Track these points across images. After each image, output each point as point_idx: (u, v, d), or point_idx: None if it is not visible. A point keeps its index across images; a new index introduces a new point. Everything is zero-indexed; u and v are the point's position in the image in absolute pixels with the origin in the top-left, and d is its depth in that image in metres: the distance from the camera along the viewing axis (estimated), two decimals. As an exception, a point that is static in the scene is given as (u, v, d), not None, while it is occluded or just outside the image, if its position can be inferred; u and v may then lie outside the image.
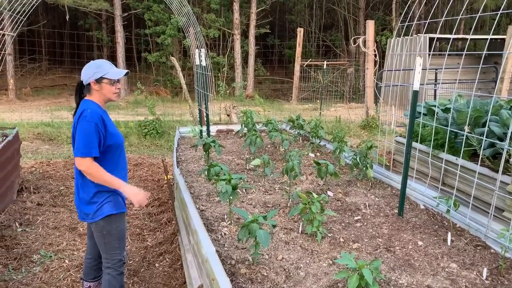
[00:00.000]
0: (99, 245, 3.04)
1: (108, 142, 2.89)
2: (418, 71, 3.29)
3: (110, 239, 2.96)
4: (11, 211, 5.17)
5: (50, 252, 4.29)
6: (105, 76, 2.88)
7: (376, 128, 10.51)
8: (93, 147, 2.78)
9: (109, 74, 2.89)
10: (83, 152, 2.76)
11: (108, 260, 3.02)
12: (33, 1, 7.38)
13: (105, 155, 2.89)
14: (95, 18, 24.32)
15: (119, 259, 3.03)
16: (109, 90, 2.93)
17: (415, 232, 3.24)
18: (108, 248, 2.99)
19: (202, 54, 5.53)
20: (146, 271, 4.02)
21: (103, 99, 2.96)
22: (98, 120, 2.82)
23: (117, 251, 3.01)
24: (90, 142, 2.76)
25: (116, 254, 3.01)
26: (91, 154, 2.77)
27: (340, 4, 25.48)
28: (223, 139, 6.36)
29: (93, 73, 2.88)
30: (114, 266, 3.02)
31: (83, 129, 2.78)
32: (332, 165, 3.85)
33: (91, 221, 2.93)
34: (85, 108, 2.85)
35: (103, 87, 2.91)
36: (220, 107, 10.88)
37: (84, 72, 2.90)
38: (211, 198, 3.80)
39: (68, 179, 6.54)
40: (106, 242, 2.97)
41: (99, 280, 3.28)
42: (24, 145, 8.36)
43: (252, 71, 20.69)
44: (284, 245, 2.91)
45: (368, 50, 11.08)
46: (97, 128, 2.80)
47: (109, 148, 2.90)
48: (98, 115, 2.83)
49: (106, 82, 2.90)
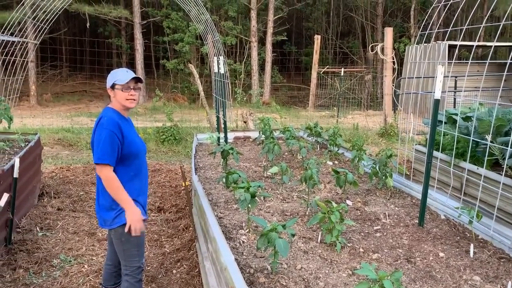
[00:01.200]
0: (118, 252, 3.05)
1: (127, 150, 2.89)
2: (440, 79, 3.25)
3: (128, 246, 2.96)
4: (32, 215, 5.26)
5: (69, 257, 4.34)
6: (116, 82, 2.92)
7: (395, 136, 10.40)
8: (109, 154, 2.79)
9: (119, 79, 2.93)
10: (99, 158, 2.78)
11: (127, 267, 3.02)
12: (56, 9, 7.55)
13: (124, 162, 2.89)
14: (115, 26, 24.74)
15: (137, 266, 3.03)
16: (121, 96, 2.94)
17: (436, 243, 3.19)
18: (127, 255, 2.99)
19: (220, 61, 5.57)
20: (163, 277, 4.03)
21: (120, 106, 2.99)
22: (114, 127, 2.82)
23: (136, 258, 3.01)
24: (106, 149, 2.78)
25: (135, 262, 3.01)
26: (106, 160, 2.78)
27: (358, 11, 25.42)
28: (241, 146, 6.37)
29: (109, 80, 2.96)
30: (133, 273, 3.02)
31: (100, 136, 2.81)
32: (351, 174, 3.82)
33: (110, 227, 2.95)
34: (102, 116, 2.90)
35: (117, 93, 2.94)
36: (237, 114, 10.92)
37: (107, 80, 2.99)
38: (229, 206, 3.80)
39: (87, 185, 6.63)
40: (125, 249, 2.97)
41: (118, 287, 3.30)
42: (45, 150, 8.50)
43: (268, 78, 20.73)
44: (303, 254, 2.89)
45: (386, 57, 11.00)
46: (113, 135, 2.80)
47: (128, 155, 2.91)
48: (115, 122, 2.84)
49: (118, 88, 2.93)
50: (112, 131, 2.80)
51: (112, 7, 19.29)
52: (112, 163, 2.80)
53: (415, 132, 9.64)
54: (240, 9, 21.70)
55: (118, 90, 2.92)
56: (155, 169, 7.65)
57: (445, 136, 5.68)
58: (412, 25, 21.35)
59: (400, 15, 25.50)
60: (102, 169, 2.79)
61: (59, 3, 7.76)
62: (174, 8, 21.33)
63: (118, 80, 2.92)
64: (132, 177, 2.93)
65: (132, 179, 2.93)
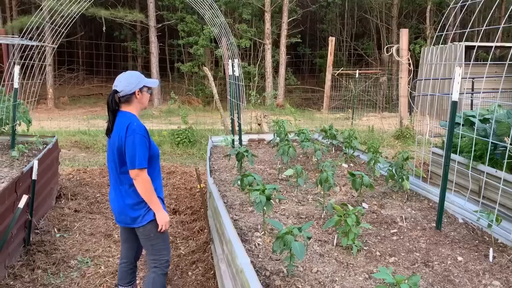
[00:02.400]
0: (145, 247, 3.15)
1: (151, 152, 2.98)
2: (458, 81, 3.21)
3: (157, 241, 3.07)
4: (50, 217, 5.33)
5: (86, 258, 4.39)
6: (147, 85, 2.99)
7: (411, 138, 10.29)
8: (145, 158, 2.88)
9: (148, 82, 3.00)
10: (140, 164, 2.84)
11: (156, 261, 3.11)
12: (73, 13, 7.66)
13: (149, 164, 2.97)
14: (130, 29, 25.02)
15: (166, 259, 3.14)
16: (147, 98, 3.05)
17: (454, 247, 3.14)
18: (155, 250, 3.09)
19: (235, 64, 5.58)
20: (179, 279, 4.05)
21: (140, 108, 3.04)
22: (145, 132, 2.92)
23: (164, 252, 3.12)
24: (143, 153, 2.86)
25: (164, 255, 3.12)
26: (144, 165, 2.86)
27: (372, 13, 25.25)
28: (255, 149, 6.37)
29: (137, 82, 2.95)
30: (161, 266, 3.12)
31: (135, 142, 2.85)
32: (367, 177, 3.79)
33: (139, 225, 3.01)
34: (131, 122, 2.90)
35: (144, 96, 3.01)
36: (251, 116, 10.93)
37: (126, 83, 2.93)
38: (244, 208, 3.80)
39: (103, 187, 6.70)
40: (153, 244, 3.07)
41: (133, 284, 3.36)
42: (62, 152, 8.63)
43: (282, 80, 20.72)
44: (319, 257, 2.87)
45: (402, 59, 10.90)
46: (145, 140, 2.90)
47: (151, 157, 2.99)
48: (144, 128, 2.93)
49: (145, 90, 3.01)
50: (144, 136, 2.89)
51: (127, 11, 19.53)
52: (145, 167, 2.88)
53: (431, 134, 9.53)
54: (254, 11, 21.75)
55: (145, 92, 3.01)
56: (170, 171, 7.70)
57: (463, 139, 5.60)
58: (427, 26, 21.12)
59: (415, 16, 25.25)
60: (140, 173, 2.86)
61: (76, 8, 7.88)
62: (189, 12, 21.48)
63: (148, 82, 3.00)
64: (155, 176, 3.04)
65: (155, 179, 3.03)
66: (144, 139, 2.88)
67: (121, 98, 2.95)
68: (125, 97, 2.95)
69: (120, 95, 2.94)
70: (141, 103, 3.01)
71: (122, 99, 2.95)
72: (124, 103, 2.97)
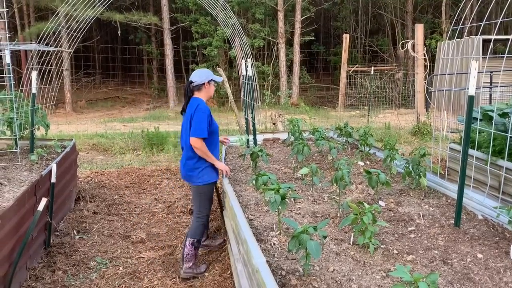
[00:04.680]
0: (194, 201, 4.15)
1: (211, 128, 3.97)
2: (474, 75, 3.15)
3: (204, 198, 4.06)
4: (70, 219, 5.42)
5: (105, 259, 4.45)
6: (215, 80, 4.08)
7: (428, 135, 10.15)
8: (205, 130, 3.86)
9: (216, 78, 4.10)
10: (198, 134, 3.84)
11: (200, 213, 4.09)
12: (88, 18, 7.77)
13: (209, 137, 3.94)
14: (145, 32, 25.27)
15: (206, 214, 4.12)
16: (212, 89, 4.13)
17: (474, 244, 3.09)
18: (202, 205, 4.09)
19: (248, 64, 5.58)
20: (196, 279, 4.07)
21: (207, 96, 4.10)
22: (209, 112, 3.95)
23: (207, 207, 4.12)
24: (203, 126, 3.85)
25: (206, 210, 4.11)
26: (204, 135, 3.85)
27: (387, 9, 24.97)
28: (270, 148, 6.37)
29: (206, 76, 4.03)
30: (202, 217, 4.09)
31: (200, 117, 3.87)
32: (384, 174, 3.75)
33: (194, 184, 4.01)
34: (199, 103, 3.97)
35: (211, 87, 4.09)
36: (265, 116, 10.93)
37: (198, 76, 4.03)
38: (259, 207, 3.80)
39: (121, 188, 6.78)
40: (201, 200, 4.07)
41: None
42: (81, 155, 8.76)
43: (297, 79, 20.65)
44: (335, 256, 2.86)
45: (418, 54, 10.76)
46: (208, 117, 3.90)
47: (211, 132, 3.98)
48: (208, 108, 3.98)
49: (213, 84, 4.11)
50: (207, 114, 3.91)
51: (142, 14, 19.72)
52: (206, 136, 3.88)
53: (449, 130, 9.39)
54: (267, 11, 21.73)
55: (212, 85, 4.09)
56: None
57: (481, 134, 5.50)
58: (443, 20, 20.78)
59: (430, 10, 24.88)
60: (198, 140, 3.86)
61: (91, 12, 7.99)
62: (202, 13, 21.58)
63: (216, 78, 4.10)
64: (213, 147, 4.04)
65: (213, 149, 4.03)
66: (207, 116, 3.88)
67: (194, 88, 4.04)
68: (197, 86, 4.03)
69: (193, 85, 4.03)
70: (208, 92, 4.08)
71: (194, 88, 4.04)
72: (196, 91, 4.05)
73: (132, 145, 9.97)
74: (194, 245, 4.07)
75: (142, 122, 14.74)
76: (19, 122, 5.65)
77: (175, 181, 7.24)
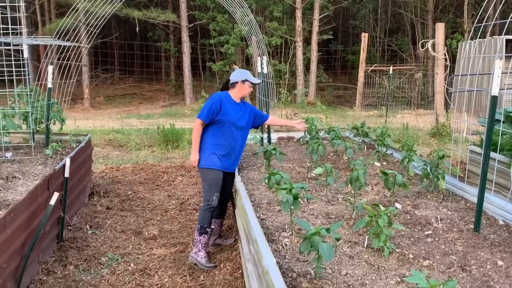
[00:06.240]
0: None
1: (219, 117, 4.12)
2: (498, 74, 3.02)
3: (206, 184, 4.16)
4: (83, 213, 5.44)
5: (117, 255, 4.43)
6: (249, 80, 4.28)
7: (447, 136, 9.93)
8: (205, 115, 4.08)
9: (252, 79, 4.29)
10: (199, 115, 4.12)
11: (203, 198, 4.20)
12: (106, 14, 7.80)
13: (213, 125, 4.16)
14: (163, 30, 25.37)
15: (206, 199, 4.13)
16: (246, 89, 4.30)
17: (494, 251, 2.97)
18: (204, 190, 4.21)
19: (264, 62, 5.51)
20: (207, 277, 4.02)
21: (241, 94, 4.29)
22: (216, 101, 4.13)
23: (208, 193, 4.13)
24: (204, 111, 4.09)
25: (206, 196, 4.14)
26: (201, 117, 4.09)
27: (407, 8, 24.56)
28: (284, 147, 6.29)
29: (240, 76, 4.27)
30: (204, 203, 4.16)
31: (206, 103, 4.16)
32: (401, 176, 3.64)
33: (199, 166, 4.19)
34: (216, 94, 4.25)
35: (244, 87, 4.27)
36: (281, 115, 10.84)
37: (235, 75, 4.30)
38: (272, 207, 3.73)
39: (135, 184, 6.79)
40: (204, 185, 4.21)
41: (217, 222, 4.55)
42: (96, 151, 8.82)
43: (314, 78, 20.47)
44: (348, 259, 2.77)
45: (438, 54, 10.53)
46: (212, 105, 4.10)
47: (218, 121, 4.13)
48: (219, 98, 4.16)
49: (247, 84, 4.28)
50: (213, 102, 4.12)
51: (160, 11, 19.80)
52: (205, 120, 4.09)
53: (469, 132, 9.15)
54: (285, 9, 21.59)
55: (246, 85, 4.28)
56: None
57: (503, 136, 5.33)
58: (465, 20, 20.35)
59: (452, 10, 24.38)
60: (197, 121, 4.13)
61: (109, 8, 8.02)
62: (220, 11, 21.56)
63: (251, 79, 4.29)
64: (219, 135, 4.15)
65: (218, 137, 4.15)
66: (211, 104, 4.09)
67: (230, 85, 4.32)
68: (232, 84, 4.29)
69: (230, 82, 4.31)
70: (240, 91, 4.27)
71: (230, 85, 4.32)
72: (231, 87, 4.31)
73: (148, 141, 9.99)
74: (200, 231, 4.13)
75: (158, 119, 14.80)
76: (35, 116, 5.69)
77: (188, 178, 7.22)
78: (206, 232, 4.13)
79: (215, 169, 4.15)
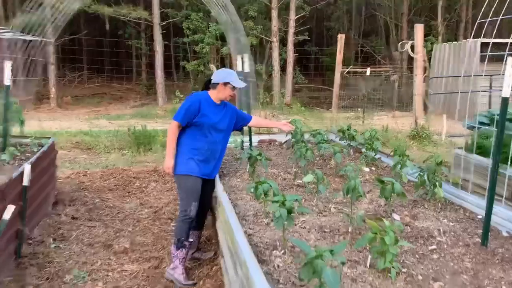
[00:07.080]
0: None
1: (198, 119, 3.75)
2: (510, 73, 2.75)
3: (182, 192, 3.79)
4: (45, 225, 4.91)
5: (83, 272, 3.96)
6: (231, 82, 3.82)
7: (427, 138, 9.81)
8: (182, 116, 3.73)
9: (234, 82, 3.84)
10: (174, 117, 3.76)
11: (180, 208, 3.82)
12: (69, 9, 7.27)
13: (191, 128, 3.79)
14: (134, 28, 24.61)
15: (183, 209, 3.73)
16: (228, 92, 3.87)
17: (506, 267, 2.70)
18: (179, 199, 3.85)
19: (245, 59, 5.14)
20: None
21: (220, 96, 3.88)
22: (194, 102, 3.78)
23: (183, 202, 3.75)
24: (181, 112, 3.74)
25: (183, 205, 3.74)
26: (177, 119, 3.73)
27: (381, 10, 24.68)
28: (266, 150, 5.93)
29: (223, 78, 3.84)
30: (183, 215, 3.73)
31: (183, 104, 3.82)
32: (399, 184, 3.33)
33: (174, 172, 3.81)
34: (195, 93, 3.92)
35: (226, 89, 3.85)
36: (259, 116, 10.48)
37: (217, 75, 3.89)
38: (259, 220, 3.36)
39: (104, 191, 6.29)
40: (179, 193, 3.86)
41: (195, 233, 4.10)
42: (62, 154, 8.22)
43: (290, 79, 20.22)
44: (351, 282, 2.43)
45: (417, 55, 10.41)
46: (190, 106, 3.75)
47: (197, 123, 3.76)
48: (198, 99, 3.81)
49: (229, 86, 3.84)
50: (191, 103, 3.77)
51: (131, 8, 19.12)
52: (181, 122, 3.74)
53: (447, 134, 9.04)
54: (260, 8, 21.27)
55: (228, 87, 3.85)
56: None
57: (489, 139, 5.13)
58: (439, 23, 20.56)
59: (425, 13, 24.64)
60: (172, 123, 3.76)
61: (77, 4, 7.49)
62: (194, 9, 21.04)
63: (234, 82, 3.84)
64: (197, 138, 3.78)
65: (196, 141, 3.77)
66: (189, 105, 3.75)
67: (211, 85, 3.92)
68: (213, 84, 3.89)
69: (211, 82, 3.91)
70: (221, 93, 3.86)
71: (211, 85, 3.92)
72: (211, 88, 3.91)
73: (118, 143, 9.43)
74: (177, 245, 3.73)
75: (129, 120, 14.17)
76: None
77: (162, 183, 6.76)
78: (183, 245, 3.71)
79: (193, 175, 3.75)
